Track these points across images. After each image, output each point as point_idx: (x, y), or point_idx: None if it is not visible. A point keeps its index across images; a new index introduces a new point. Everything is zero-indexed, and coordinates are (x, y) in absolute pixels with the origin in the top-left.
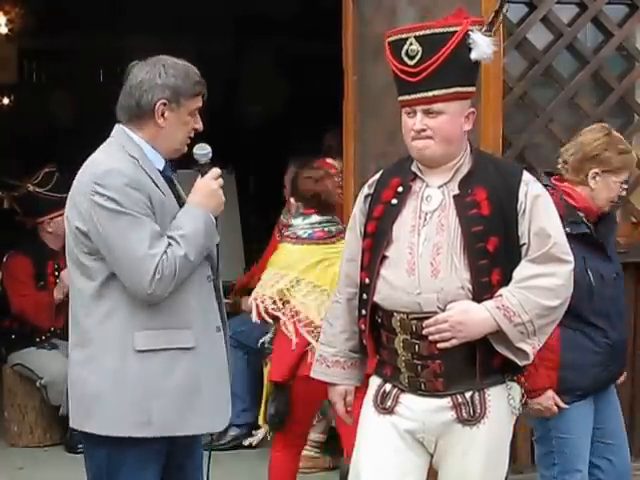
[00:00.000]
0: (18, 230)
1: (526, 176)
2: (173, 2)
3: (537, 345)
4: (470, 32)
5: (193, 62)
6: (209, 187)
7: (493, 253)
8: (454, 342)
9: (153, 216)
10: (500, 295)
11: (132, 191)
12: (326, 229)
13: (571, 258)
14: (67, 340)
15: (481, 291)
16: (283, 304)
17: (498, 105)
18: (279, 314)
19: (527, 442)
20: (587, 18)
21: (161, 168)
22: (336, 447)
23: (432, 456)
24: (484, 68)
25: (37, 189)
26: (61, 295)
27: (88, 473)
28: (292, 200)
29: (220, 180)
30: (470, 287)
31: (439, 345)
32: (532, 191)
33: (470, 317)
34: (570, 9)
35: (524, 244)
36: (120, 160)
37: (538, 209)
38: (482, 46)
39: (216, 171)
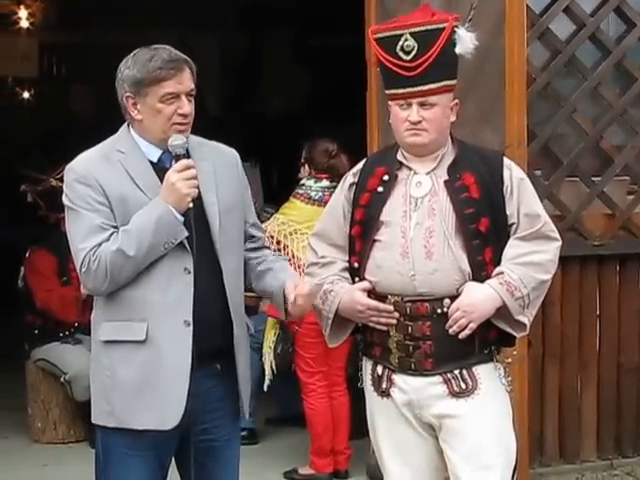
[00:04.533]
0: (41, 225)
1: (507, 161)
2: None
3: (530, 318)
4: (456, 28)
5: (214, 55)
6: (168, 180)
7: (485, 233)
8: (472, 326)
9: (105, 210)
10: (501, 272)
11: (79, 186)
12: None
13: (558, 236)
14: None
15: (477, 269)
16: (284, 247)
17: (522, 97)
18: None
19: (555, 437)
20: (609, 8)
21: (155, 160)
22: None
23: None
24: (508, 60)
25: (60, 184)
26: None
27: None
28: (306, 166)
29: (188, 172)
30: (468, 266)
31: (460, 335)
32: (516, 175)
33: (476, 297)
34: None
35: (513, 224)
36: (85, 156)
37: (526, 191)
38: (466, 41)
39: (181, 163)
